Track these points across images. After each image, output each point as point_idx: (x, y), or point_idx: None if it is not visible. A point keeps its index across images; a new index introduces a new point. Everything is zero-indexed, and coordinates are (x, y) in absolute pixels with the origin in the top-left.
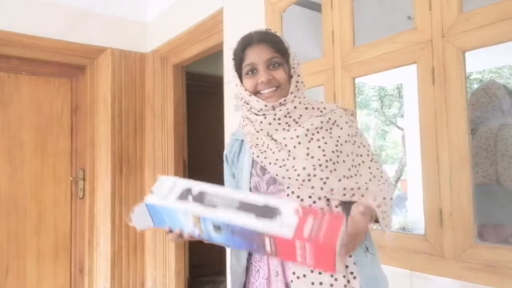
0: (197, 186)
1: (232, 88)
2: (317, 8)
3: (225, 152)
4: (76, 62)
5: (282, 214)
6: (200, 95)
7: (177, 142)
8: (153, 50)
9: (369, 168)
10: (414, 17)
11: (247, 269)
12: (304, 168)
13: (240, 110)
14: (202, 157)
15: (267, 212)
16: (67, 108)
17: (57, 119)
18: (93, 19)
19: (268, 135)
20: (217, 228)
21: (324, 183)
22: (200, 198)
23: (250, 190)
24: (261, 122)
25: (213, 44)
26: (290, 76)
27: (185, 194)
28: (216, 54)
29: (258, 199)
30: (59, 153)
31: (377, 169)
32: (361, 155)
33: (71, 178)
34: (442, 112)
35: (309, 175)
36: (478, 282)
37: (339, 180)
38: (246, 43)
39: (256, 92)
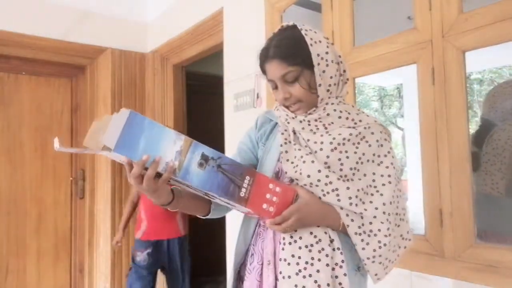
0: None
1: (232, 88)
2: (317, 8)
3: (256, 122)
4: (76, 62)
5: None
6: (200, 95)
7: None
8: (153, 50)
9: (394, 191)
10: (414, 17)
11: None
12: (308, 176)
13: (240, 110)
14: None
15: None
16: (67, 108)
17: (57, 119)
18: (93, 19)
19: (294, 130)
20: (204, 159)
21: (324, 195)
22: None
23: (272, 175)
24: (292, 117)
25: (213, 44)
26: (315, 85)
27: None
28: (216, 54)
29: None
30: (59, 153)
31: (398, 197)
32: (388, 175)
33: (71, 178)
34: (442, 112)
35: (311, 183)
36: (478, 282)
37: (339, 200)
38: (264, 56)
39: (284, 106)
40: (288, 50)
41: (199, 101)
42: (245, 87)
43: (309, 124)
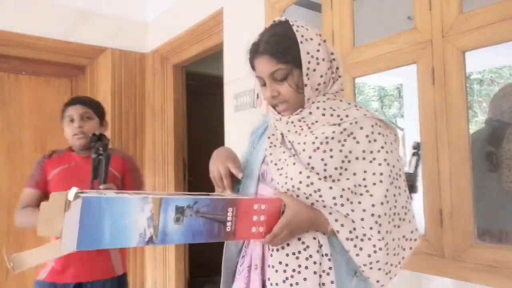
0: (130, 192)
1: (232, 88)
2: (317, 8)
3: (254, 128)
4: (76, 62)
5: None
6: (200, 95)
7: (177, 142)
8: (153, 50)
9: (387, 190)
10: (414, 17)
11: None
12: (291, 179)
13: (240, 110)
14: (202, 157)
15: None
16: None
17: (57, 119)
18: (93, 19)
19: (282, 134)
20: (180, 213)
21: (307, 198)
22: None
23: (258, 176)
24: (277, 120)
25: (213, 44)
26: (303, 85)
27: (130, 192)
28: (216, 54)
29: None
30: None
31: (395, 195)
32: (380, 174)
33: None
34: (442, 112)
35: (293, 186)
36: (478, 282)
37: (323, 201)
38: (254, 51)
39: (271, 105)
40: (278, 47)
41: (199, 101)
42: (245, 87)
43: (294, 125)
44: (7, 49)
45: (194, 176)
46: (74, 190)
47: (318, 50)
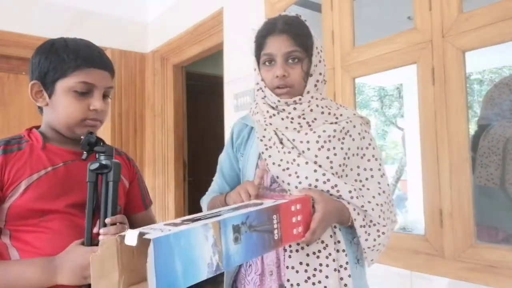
0: (177, 220)
1: (232, 88)
2: (317, 8)
3: (232, 134)
4: None
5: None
6: (200, 95)
7: (177, 142)
8: (153, 50)
9: (379, 183)
10: (414, 17)
11: None
12: (306, 178)
13: (240, 110)
14: (202, 157)
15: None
16: None
17: None
18: (93, 19)
19: (277, 132)
20: (237, 231)
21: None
22: (197, 219)
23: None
24: (271, 116)
25: (213, 44)
26: (309, 75)
27: (179, 222)
28: (216, 54)
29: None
30: None
31: (388, 185)
32: (371, 169)
33: None
34: (442, 112)
35: (310, 185)
36: (478, 282)
37: (340, 196)
38: (269, 29)
39: (272, 88)
40: (298, 30)
41: (199, 101)
42: (245, 87)
43: (291, 122)
44: (7, 49)
45: (194, 176)
46: (133, 232)
47: (321, 51)
